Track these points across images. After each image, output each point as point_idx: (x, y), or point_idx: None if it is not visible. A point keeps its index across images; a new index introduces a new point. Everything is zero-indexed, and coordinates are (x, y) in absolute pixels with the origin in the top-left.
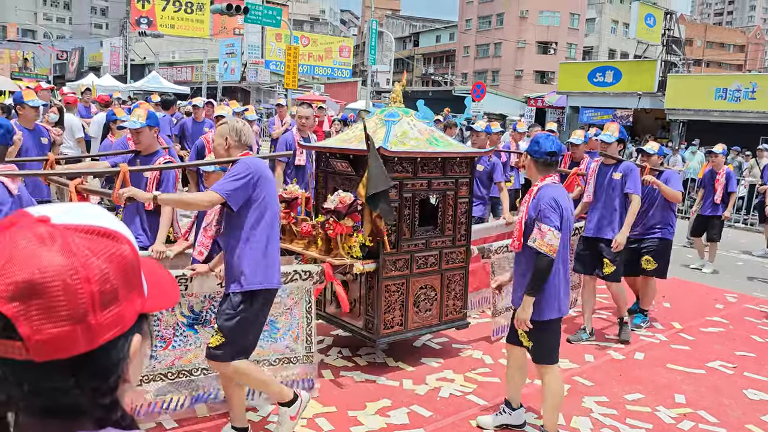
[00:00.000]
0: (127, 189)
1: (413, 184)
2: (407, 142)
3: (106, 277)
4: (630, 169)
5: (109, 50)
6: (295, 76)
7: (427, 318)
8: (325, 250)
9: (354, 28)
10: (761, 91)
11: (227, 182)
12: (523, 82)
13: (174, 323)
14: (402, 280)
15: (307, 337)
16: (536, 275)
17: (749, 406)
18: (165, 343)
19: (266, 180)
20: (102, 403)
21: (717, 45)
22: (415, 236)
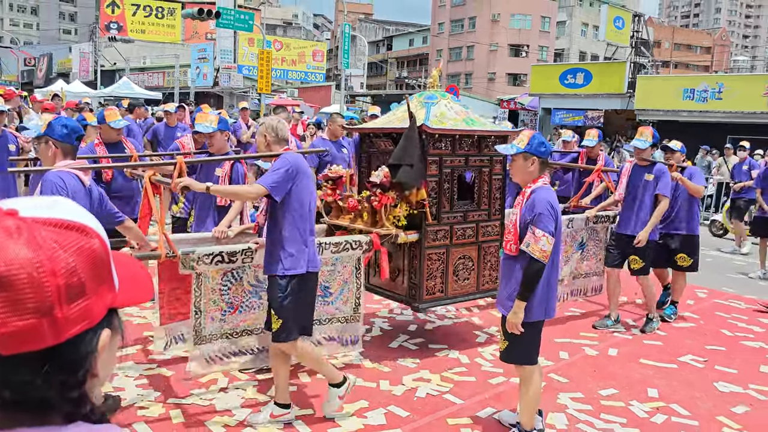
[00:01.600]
0: (183, 179)
1: (452, 161)
2: (445, 122)
3: (73, 271)
4: (662, 172)
5: (79, 56)
6: (268, 81)
7: (465, 286)
8: (371, 223)
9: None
10: (728, 92)
11: (271, 175)
12: (496, 85)
13: (242, 291)
14: (442, 250)
15: (356, 300)
16: (527, 280)
17: (720, 398)
18: (233, 308)
19: (304, 173)
20: (70, 397)
21: (684, 47)
22: (454, 209)
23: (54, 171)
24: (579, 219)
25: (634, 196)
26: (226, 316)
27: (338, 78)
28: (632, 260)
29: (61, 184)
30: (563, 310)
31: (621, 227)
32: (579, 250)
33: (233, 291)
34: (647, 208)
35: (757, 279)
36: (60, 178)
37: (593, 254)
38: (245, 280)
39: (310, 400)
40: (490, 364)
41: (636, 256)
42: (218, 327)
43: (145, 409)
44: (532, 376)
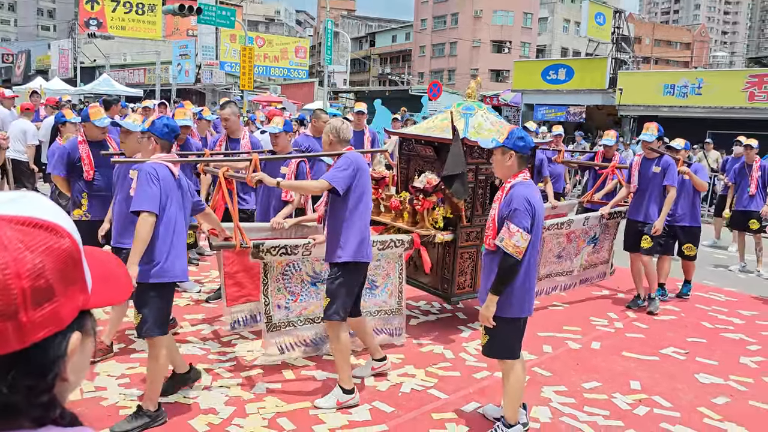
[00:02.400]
0: (258, 174)
1: (486, 169)
2: (482, 133)
3: (40, 273)
4: (669, 164)
5: (58, 53)
6: (250, 78)
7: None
8: (411, 222)
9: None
10: (707, 87)
11: (335, 172)
12: None
13: (301, 281)
14: (473, 249)
15: (399, 294)
16: (501, 275)
17: (701, 389)
18: (295, 296)
19: (364, 171)
20: (39, 402)
21: (664, 43)
22: (486, 212)
23: (149, 162)
24: (594, 216)
25: (644, 187)
26: (290, 303)
27: (321, 74)
28: (643, 239)
29: (154, 172)
30: (546, 304)
31: (632, 214)
32: (591, 244)
33: (294, 280)
34: (656, 198)
35: (736, 272)
36: (153, 168)
37: (602, 246)
38: (304, 271)
39: (294, 395)
40: (474, 359)
41: (647, 236)
42: (284, 315)
43: (127, 408)
44: (514, 370)
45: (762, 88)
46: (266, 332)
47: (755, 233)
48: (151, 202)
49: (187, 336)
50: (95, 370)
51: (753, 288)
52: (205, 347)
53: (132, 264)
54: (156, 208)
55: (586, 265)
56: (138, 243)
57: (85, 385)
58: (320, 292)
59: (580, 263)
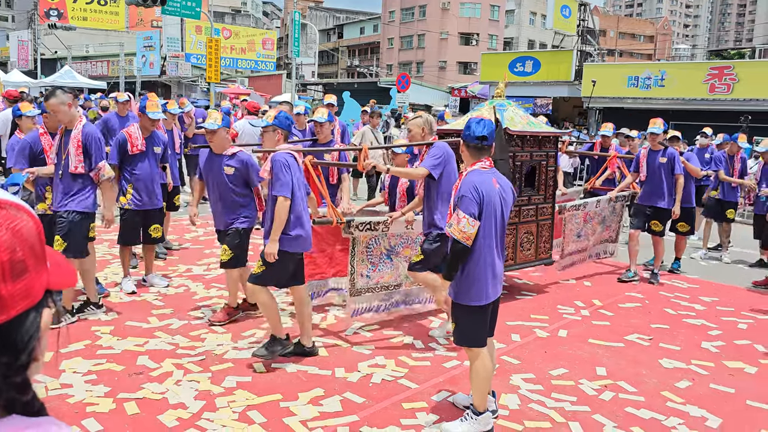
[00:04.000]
0: (372, 161)
1: (521, 156)
2: (516, 125)
3: (15, 247)
4: (673, 155)
5: (17, 44)
6: (217, 70)
7: (527, 256)
8: None
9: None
10: (669, 79)
11: (430, 160)
12: (447, 73)
13: (380, 253)
14: (513, 226)
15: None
16: (450, 260)
17: (664, 374)
18: (374, 266)
19: (452, 158)
20: (14, 381)
21: (628, 35)
22: (522, 194)
23: (280, 152)
24: (604, 199)
25: (653, 175)
26: (371, 272)
27: (289, 67)
28: (653, 224)
29: (285, 161)
30: (513, 295)
31: (643, 200)
32: (602, 224)
33: (375, 253)
34: (665, 185)
35: (698, 259)
36: (284, 157)
37: (609, 226)
38: (382, 245)
39: (265, 388)
40: (444, 349)
41: (657, 221)
42: (365, 282)
43: (94, 405)
44: (479, 358)
45: (722, 80)
46: (350, 297)
47: (729, 222)
48: (287, 189)
49: (155, 330)
50: (60, 367)
51: (714, 275)
52: (173, 342)
53: (273, 240)
54: (289, 193)
55: (597, 241)
56: (278, 223)
57: (50, 383)
58: (394, 264)
59: (592, 242)
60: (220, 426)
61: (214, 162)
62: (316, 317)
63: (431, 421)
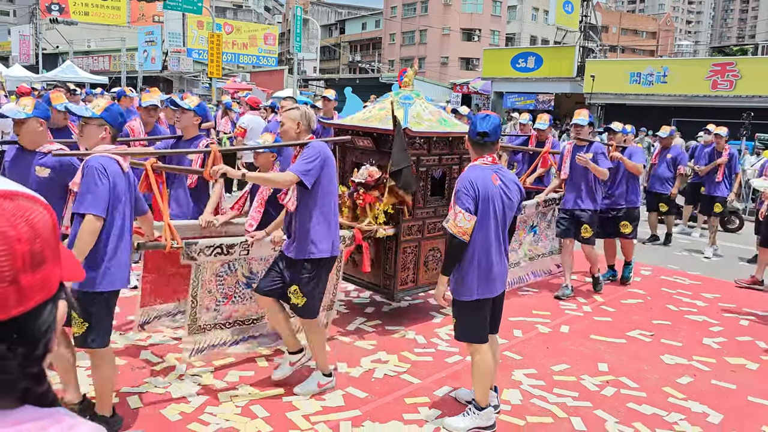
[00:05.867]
0: (221, 166)
1: (427, 160)
2: (422, 123)
3: (35, 237)
4: (598, 150)
5: (18, 39)
6: (219, 65)
7: (433, 276)
8: (351, 217)
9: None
10: (672, 75)
11: (302, 164)
12: (449, 69)
13: (235, 282)
14: (415, 243)
15: (333, 290)
16: (447, 255)
17: (666, 370)
18: (226, 298)
19: (331, 161)
20: (30, 372)
21: (631, 32)
22: (427, 205)
23: (96, 155)
24: (530, 205)
25: (575, 174)
26: (219, 306)
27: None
28: (583, 229)
29: (101, 168)
30: (517, 290)
31: (567, 204)
32: (531, 233)
33: (228, 282)
34: (588, 184)
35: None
36: (101, 162)
37: (546, 235)
38: (239, 272)
39: (267, 383)
40: (446, 344)
41: (587, 225)
42: (212, 317)
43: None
44: (480, 353)
45: (725, 76)
46: (187, 334)
47: (716, 216)
48: (98, 204)
49: (157, 325)
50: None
51: (716, 272)
52: (176, 336)
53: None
54: (102, 210)
55: (532, 255)
56: (80, 250)
57: (53, 377)
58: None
59: (524, 253)
60: (223, 420)
61: (22, 161)
62: None
63: (433, 416)
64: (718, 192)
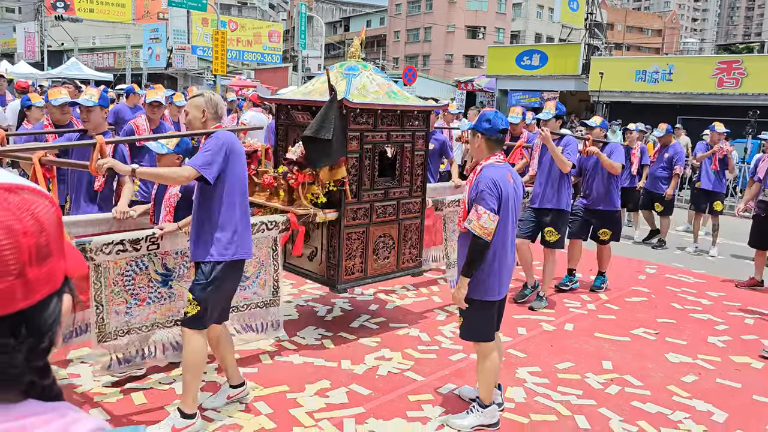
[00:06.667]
0: (107, 159)
1: (373, 136)
2: (367, 95)
3: (40, 230)
4: (568, 143)
5: (24, 36)
6: (223, 62)
7: (385, 265)
8: (288, 201)
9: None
10: (677, 73)
11: (203, 156)
12: (454, 66)
13: (148, 281)
14: (362, 229)
15: (274, 283)
16: (471, 257)
17: (671, 368)
18: (140, 300)
19: (238, 153)
20: (36, 365)
21: (636, 29)
22: (375, 186)
23: None
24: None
25: (546, 170)
26: (131, 309)
27: (295, 59)
28: (548, 232)
29: None
30: (519, 288)
31: (534, 202)
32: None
33: (138, 281)
34: (556, 181)
35: (691, 252)
36: None
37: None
38: (151, 269)
39: (271, 380)
40: (450, 341)
41: (552, 228)
42: (124, 322)
43: (102, 395)
44: (488, 352)
45: (730, 74)
46: (96, 343)
47: (716, 215)
48: None
49: None
50: (68, 357)
51: (721, 270)
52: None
53: None
54: None
55: None
56: None
57: (58, 372)
58: (175, 291)
59: None
60: (227, 417)
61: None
62: (323, 309)
63: (437, 414)
64: (718, 188)
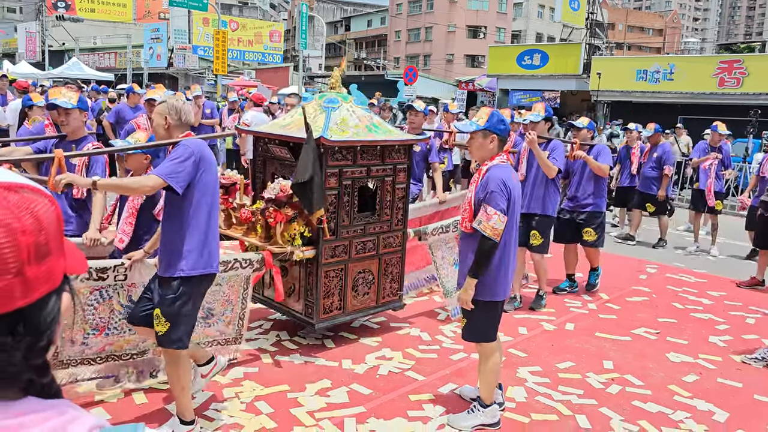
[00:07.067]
0: (66, 175)
1: (353, 172)
2: (347, 130)
3: (39, 229)
4: (555, 147)
5: (25, 36)
6: (224, 62)
7: (365, 301)
8: (264, 237)
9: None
10: (678, 73)
11: (170, 165)
12: (454, 66)
13: (110, 312)
14: (341, 266)
15: (239, 321)
16: (479, 258)
17: (671, 368)
18: (98, 330)
19: (208, 162)
20: (34, 363)
21: (637, 29)
22: (354, 222)
23: None
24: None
25: (533, 174)
26: (88, 339)
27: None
28: (532, 236)
29: None
30: (522, 288)
31: (523, 206)
32: None
33: (99, 311)
34: (542, 185)
35: (692, 252)
36: None
37: None
38: (115, 300)
39: (272, 379)
40: (450, 341)
41: (536, 232)
42: (79, 351)
43: (102, 394)
44: (491, 352)
45: (732, 73)
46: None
47: (715, 214)
48: None
49: None
50: None
51: (722, 270)
52: None
53: None
54: None
55: None
56: None
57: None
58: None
59: None
60: (228, 416)
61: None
62: None
63: (438, 413)
64: (716, 187)
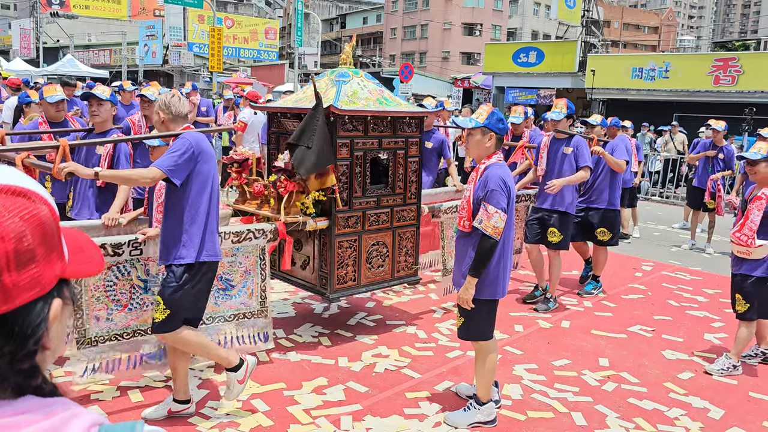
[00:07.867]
0: (68, 164)
1: (364, 143)
2: (357, 102)
3: (21, 236)
4: (579, 143)
5: (19, 32)
6: (219, 59)
7: (379, 273)
8: (278, 209)
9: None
10: (674, 71)
11: (168, 158)
12: (450, 64)
13: (130, 287)
14: (354, 237)
15: (262, 293)
16: (479, 257)
17: (667, 365)
18: (121, 306)
19: (206, 154)
20: (20, 368)
21: (633, 26)
22: (367, 194)
23: None
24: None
25: (552, 169)
26: (113, 314)
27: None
28: (551, 233)
29: None
30: (518, 285)
31: (540, 201)
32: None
33: (120, 287)
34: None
35: (688, 249)
36: None
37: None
38: (133, 275)
39: (268, 377)
40: (447, 339)
41: (555, 229)
42: (105, 328)
43: (98, 392)
44: (487, 350)
45: (727, 71)
46: (76, 349)
47: (711, 212)
48: None
49: None
50: (65, 355)
51: (717, 267)
52: None
53: None
54: None
55: None
56: None
57: (54, 370)
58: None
59: None
60: (224, 414)
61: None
62: (319, 307)
63: (434, 411)
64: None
